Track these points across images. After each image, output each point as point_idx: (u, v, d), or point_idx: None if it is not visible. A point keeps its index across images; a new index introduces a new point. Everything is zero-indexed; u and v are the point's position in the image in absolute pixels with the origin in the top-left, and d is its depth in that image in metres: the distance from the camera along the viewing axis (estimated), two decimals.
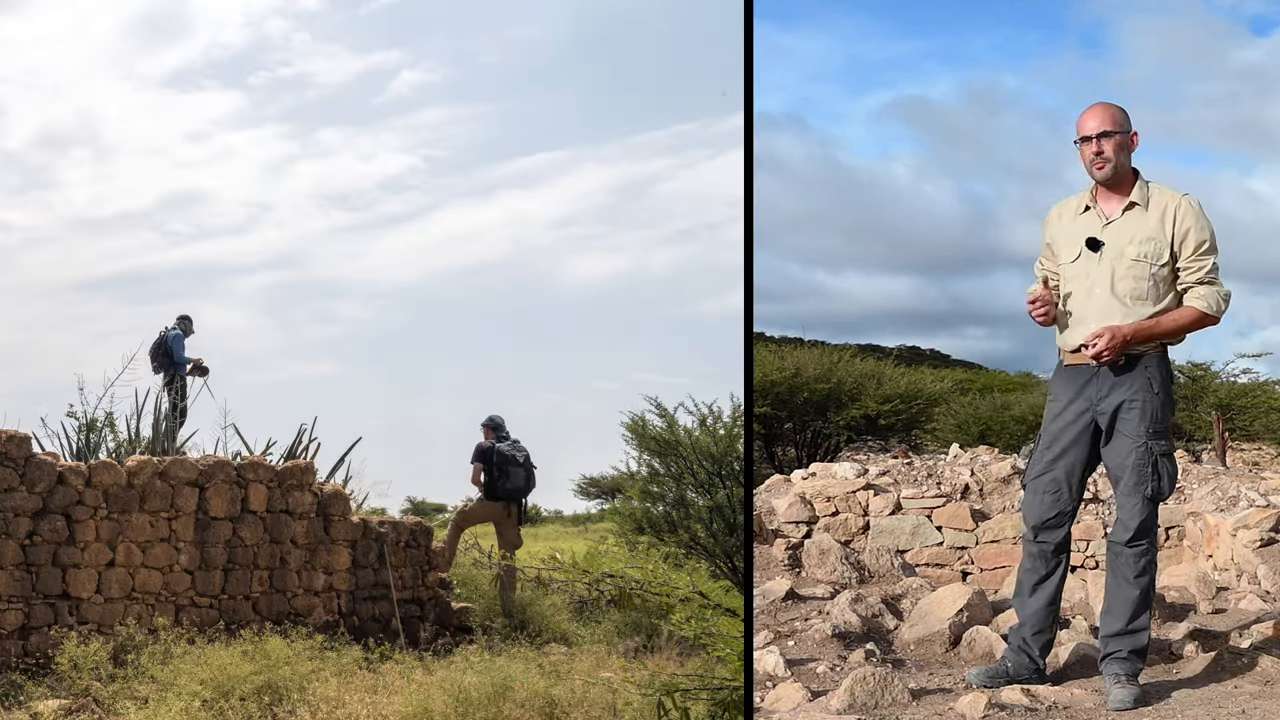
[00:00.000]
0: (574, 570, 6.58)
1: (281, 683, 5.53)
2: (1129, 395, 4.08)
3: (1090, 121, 4.11)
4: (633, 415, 8.80)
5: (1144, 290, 4.07)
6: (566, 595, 8.61)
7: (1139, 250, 4.06)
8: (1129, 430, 4.07)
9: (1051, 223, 4.31)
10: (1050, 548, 4.26)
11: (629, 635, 7.08)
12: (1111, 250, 4.09)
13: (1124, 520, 4.10)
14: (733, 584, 7.11)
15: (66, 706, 5.45)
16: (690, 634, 4.62)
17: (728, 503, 8.23)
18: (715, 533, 8.19)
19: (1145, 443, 4.05)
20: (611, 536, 10.12)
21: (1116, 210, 4.13)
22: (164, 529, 6.98)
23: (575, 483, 21.94)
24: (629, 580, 5.15)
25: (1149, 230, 4.07)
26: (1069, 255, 4.20)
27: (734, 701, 4.28)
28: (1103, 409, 4.12)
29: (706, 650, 4.81)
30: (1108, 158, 4.08)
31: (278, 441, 9.16)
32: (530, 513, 12.59)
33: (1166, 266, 4.08)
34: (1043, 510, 4.24)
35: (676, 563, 7.39)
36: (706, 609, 4.68)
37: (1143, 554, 4.07)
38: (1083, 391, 4.15)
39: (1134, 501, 4.07)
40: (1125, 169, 4.13)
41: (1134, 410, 4.07)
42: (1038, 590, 4.28)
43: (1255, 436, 16.18)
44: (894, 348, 27.65)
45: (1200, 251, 4.06)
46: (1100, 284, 4.10)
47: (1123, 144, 4.10)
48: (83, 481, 6.70)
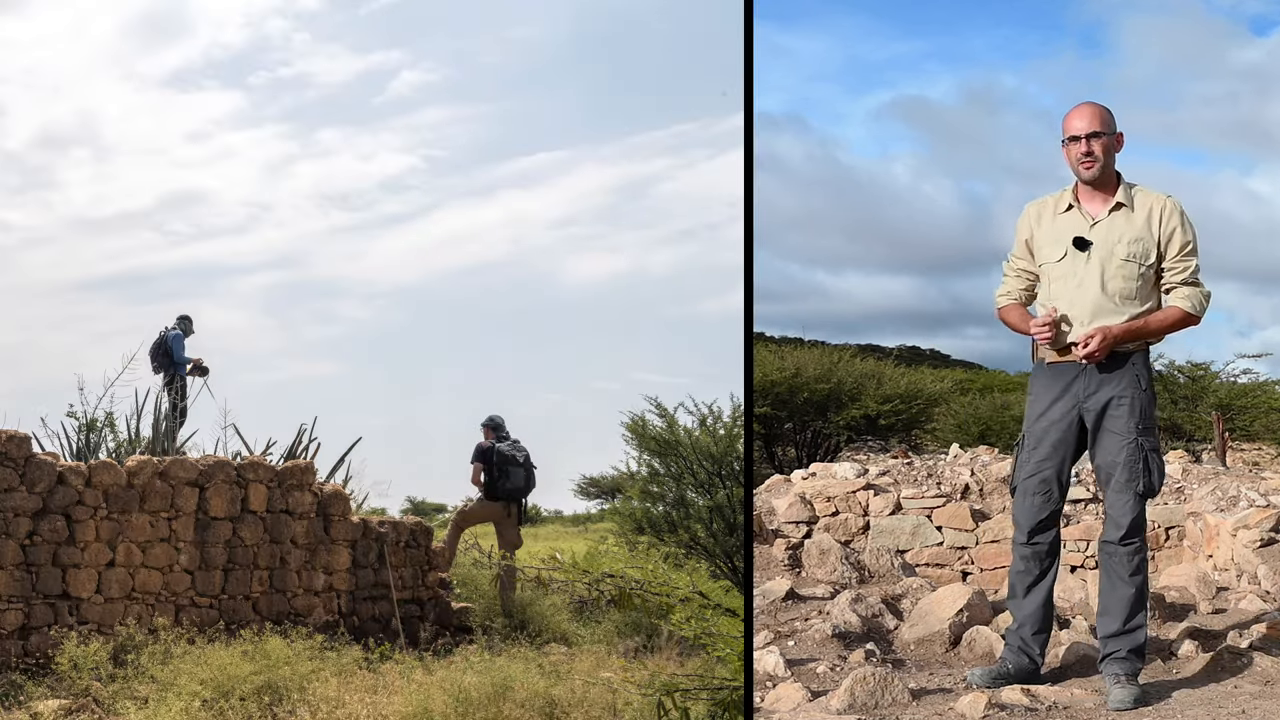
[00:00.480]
0: (574, 570, 6.58)
1: (281, 682, 5.53)
2: (1117, 392, 4.10)
3: (1079, 121, 4.12)
4: (633, 415, 8.81)
5: (1133, 290, 4.10)
6: (566, 595, 8.61)
7: (1129, 250, 4.10)
8: (1119, 427, 4.09)
9: (1030, 222, 4.31)
10: (1044, 549, 4.28)
11: (629, 635, 7.08)
12: (1101, 250, 4.11)
13: (1115, 518, 4.11)
14: (733, 584, 7.10)
15: (66, 706, 5.45)
16: (690, 634, 4.62)
17: (728, 503, 8.23)
18: (715, 533, 8.19)
19: (1136, 439, 4.07)
20: (611, 536, 10.12)
21: (1102, 210, 4.16)
22: (164, 529, 6.98)
23: (575, 483, 21.96)
24: (629, 580, 5.16)
25: (1137, 231, 4.11)
26: (1053, 254, 4.21)
27: (734, 701, 4.28)
28: (1090, 406, 4.14)
29: (706, 650, 4.81)
30: (1096, 157, 4.11)
31: (277, 441, 9.17)
32: (530, 513, 12.59)
33: (1153, 267, 4.12)
34: (1035, 512, 4.25)
35: (676, 563, 7.39)
36: (706, 609, 4.68)
37: (1135, 552, 4.08)
38: (1069, 389, 4.17)
39: (1126, 498, 4.08)
40: (1110, 170, 4.16)
41: (1123, 407, 4.09)
42: (1032, 592, 4.29)
43: (1255, 436, 16.18)
44: (894, 348, 27.68)
45: (1185, 252, 4.11)
46: (1090, 283, 4.11)
47: (1109, 145, 4.13)
48: (83, 481, 6.70)
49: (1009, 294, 4.40)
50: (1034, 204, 4.34)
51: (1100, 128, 4.10)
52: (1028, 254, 4.32)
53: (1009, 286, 4.40)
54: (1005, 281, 4.41)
